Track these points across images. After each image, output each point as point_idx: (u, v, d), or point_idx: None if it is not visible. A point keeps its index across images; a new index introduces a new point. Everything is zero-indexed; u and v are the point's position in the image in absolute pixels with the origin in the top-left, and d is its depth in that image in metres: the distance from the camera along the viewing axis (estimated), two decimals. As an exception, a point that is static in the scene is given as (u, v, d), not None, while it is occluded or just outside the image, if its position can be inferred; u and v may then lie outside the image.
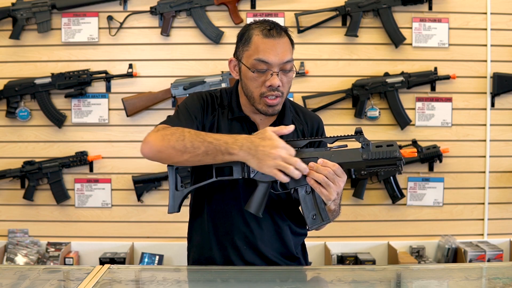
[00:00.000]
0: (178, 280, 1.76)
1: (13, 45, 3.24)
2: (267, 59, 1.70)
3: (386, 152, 1.54)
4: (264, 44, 1.71)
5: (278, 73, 1.71)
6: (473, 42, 3.28)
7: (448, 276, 1.79)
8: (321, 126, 1.91)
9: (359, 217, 3.33)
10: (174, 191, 1.66)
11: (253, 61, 1.71)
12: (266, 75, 1.71)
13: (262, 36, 1.72)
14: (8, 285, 1.65)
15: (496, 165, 3.33)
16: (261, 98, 1.73)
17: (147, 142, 1.66)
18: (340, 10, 3.22)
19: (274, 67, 1.70)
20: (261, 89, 1.72)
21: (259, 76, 1.72)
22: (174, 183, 1.67)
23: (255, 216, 1.74)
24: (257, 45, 1.72)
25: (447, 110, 3.29)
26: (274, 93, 1.71)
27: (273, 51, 1.70)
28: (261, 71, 1.71)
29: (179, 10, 3.22)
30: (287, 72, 1.74)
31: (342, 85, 3.27)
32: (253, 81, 1.73)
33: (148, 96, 3.21)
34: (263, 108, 1.74)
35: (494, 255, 3.16)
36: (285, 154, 1.56)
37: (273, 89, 1.71)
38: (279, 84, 1.70)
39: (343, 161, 1.57)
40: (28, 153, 3.27)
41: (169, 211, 1.70)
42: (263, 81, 1.71)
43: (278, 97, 1.73)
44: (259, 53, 1.71)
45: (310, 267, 1.94)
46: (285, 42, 1.74)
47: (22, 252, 3.14)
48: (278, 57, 1.70)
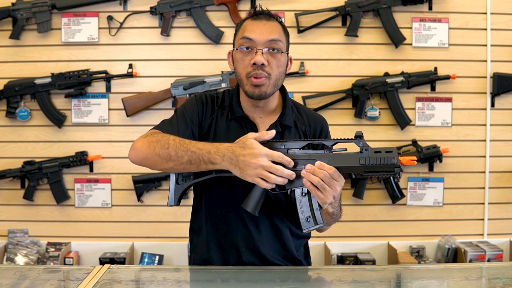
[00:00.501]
0: (178, 280, 1.76)
1: (13, 45, 3.24)
2: (250, 35, 1.73)
3: (384, 159, 1.53)
4: (251, 25, 1.75)
5: (263, 52, 1.72)
6: (473, 42, 3.28)
7: (448, 276, 1.79)
8: (325, 127, 1.89)
9: (359, 217, 3.33)
10: (175, 185, 1.67)
11: (240, 41, 1.76)
12: (251, 54, 1.73)
13: (250, 20, 1.77)
14: (8, 285, 1.65)
15: (496, 165, 3.33)
16: (248, 78, 1.73)
17: (134, 148, 1.69)
18: (340, 10, 3.22)
19: (258, 44, 1.72)
20: (247, 68, 1.73)
21: (245, 55, 1.74)
22: (176, 176, 1.68)
23: (254, 218, 1.74)
24: (244, 26, 1.77)
25: (447, 110, 3.29)
26: (259, 72, 1.71)
27: (258, 29, 1.73)
28: (246, 47, 1.73)
29: (179, 10, 3.22)
30: (274, 52, 1.73)
31: (342, 85, 3.27)
32: (240, 62, 1.75)
33: (148, 96, 3.21)
34: (250, 89, 1.74)
35: (494, 255, 3.16)
36: (266, 162, 1.55)
37: (258, 67, 1.71)
38: (263, 62, 1.71)
39: (341, 165, 1.57)
40: (28, 153, 3.27)
41: (168, 203, 1.71)
42: (249, 60, 1.73)
43: (264, 77, 1.72)
44: (244, 32, 1.75)
45: (310, 267, 1.93)
46: (273, 25, 1.76)
47: (22, 252, 3.15)
48: (263, 35, 1.72)
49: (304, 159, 1.59)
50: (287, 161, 1.58)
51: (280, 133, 1.79)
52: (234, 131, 1.78)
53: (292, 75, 3.21)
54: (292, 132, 1.81)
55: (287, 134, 1.80)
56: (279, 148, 1.61)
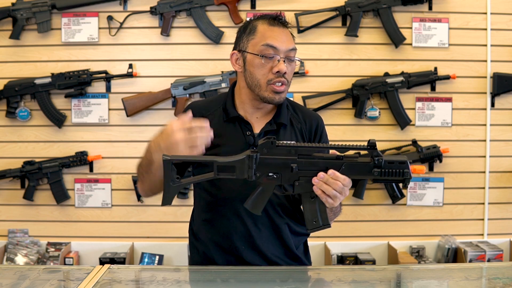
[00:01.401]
0: (178, 280, 1.76)
1: (13, 45, 3.24)
2: (274, 44, 1.74)
3: (397, 172, 1.53)
4: (270, 31, 1.76)
5: (284, 60, 1.74)
6: (473, 42, 3.28)
7: (448, 276, 1.79)
8: (320, 124, 1.90)
9: (359, 217, 3.33)
10: (169, 184, 1.63)
11: (261, 47, 1.75)
12: (273, 62, 1.75)
13: (267, 24, 1.78)
14: (8, 285, 1.65)
15: (496, 165, 3.33)
16: (268, 85, 1.75)
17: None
18: (340, 10, 3.22)
19: (281, 53, 1.75)
20: (268, 75, 1.75)
21: (266, 62, 1.75)
22: (170, 176, 1.63)
23: (253, 216, 1.75)
24: (263, 32, 1.76)
25: (447, 110, 3.29)
26: (281, 79, 1.74)
27: (280, 38, 1.75)
28: (269, 56, 1.74)
29: (179, 10, 3.22)
30: (292, 61, 1.78)
31: (342, 85, 3.27)
32: (260, 68, 1.75)
33: (148, 96, 3.21)
34: (270, 95, 1.76)
35: (494, 255, 3.16)
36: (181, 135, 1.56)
37: (280, 75, 1.74)
38: (285, 71, 1.74)
39: (354, 176, 1.56)
40: (28, 153, 3.27)
41: (162, 203, 1.68)
42: (270, 68, 1.75)
43: (284, 84, 1.76)
44: (266, 39, 1.75)
45: (310, 267, 1.94)
46: (288, 33, 1.80)
47: (22, 252, 3.15)
48: (284, 44, 1.75)
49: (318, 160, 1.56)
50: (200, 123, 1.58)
51: (276, 131, 1.81)
52: (229, 132, 1.80)
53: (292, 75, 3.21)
54: (287, 130, 1.83)
55: (283, 132, 1.82)
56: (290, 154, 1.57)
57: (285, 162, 1.56)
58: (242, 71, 1.81)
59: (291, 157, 1.57)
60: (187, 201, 3.22)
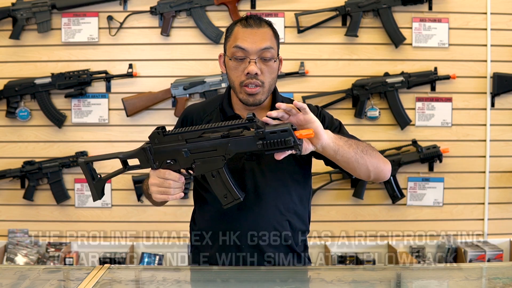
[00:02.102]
0: (178, 280, 1.76)
1: (13, 45, 3.24)
2: (243, 45, 1.74)
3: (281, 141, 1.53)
4: (242, 33, 1.76)
5: (256, 61, 1.73)
6: (473, 42, 3.28)
7: (448, 276, 1.79)
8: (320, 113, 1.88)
9: (359, 217, 3.33)
10: (93, 183, 1.77)
11: (232, 49, 1.76)
12: (244, 63, 1.75)
13: (241, 26, 1.77)
14: (8, 285, 1.65)
15: (496, 165, 3.33)
16: (241, 87, 1.76)
17: None
18: (340, 10, 3.22)
19: (251, 54, 1.74)
20: (240, 77, 1.76)
21: (238, 64, 1.75)
22: (90, 175, 1.77)
23: (253, 214, 1.76)
24: (235, 34, 1.77)
25: (447, 110, 3.29)
26: (252, 81, 1.74)
27: (250, 39, 1.74)
28: (239, 58, 1.75)
29: (179, 10, 3.22)
30: (267, 60, 1.75)
31: (342, 85, 3.27)
32: (233, 70, 1.77)
33: (148, 96, 3.21)
34: (244, 97, 1.77)
35: (494, 255, 3.16)
36: (156, 180, 1.65)
37: (251, 76, 1.73)
38: (256, 72, 1.73)
39: (242, 150, 1.58)
40: (28, 153, 3.27)
41: (94, 199, 1.80)
42: (243, 69, 1.75)
43: (258, 86, 1.75)
44: (236, 40, 1.75)
45: (310, 267, 1.94)
46: (264, 32, 1.77)
47: (22, 252, 3.15)
48: (255, 44, 1.74)
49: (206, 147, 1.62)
50: (174, 176, 1.64)
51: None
52: None
53: (292, 75, 3.21)
54: None
55: None
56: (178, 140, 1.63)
57: (176, 149, 1.64)
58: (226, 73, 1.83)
59: (180, 143, 1.63)
60: (187, 201, 3.21)
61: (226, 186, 1.65)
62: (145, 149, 1.66)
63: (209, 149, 1.61)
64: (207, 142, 1.61)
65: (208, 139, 1.61)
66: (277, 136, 1.53)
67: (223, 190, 1.65)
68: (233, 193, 1.65)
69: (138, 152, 1.68)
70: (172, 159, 1.65)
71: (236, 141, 1.59)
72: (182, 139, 1.63)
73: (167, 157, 1.65)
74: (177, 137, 1.64)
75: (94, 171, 1.77)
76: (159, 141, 1.65)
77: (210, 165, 1.63)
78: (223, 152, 1.60)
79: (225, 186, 1.65)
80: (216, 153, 1.61)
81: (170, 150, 1.64)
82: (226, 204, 1.67)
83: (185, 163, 1.64)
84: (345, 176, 3.25)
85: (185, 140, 1.63)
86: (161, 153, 1.66)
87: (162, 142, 1.65)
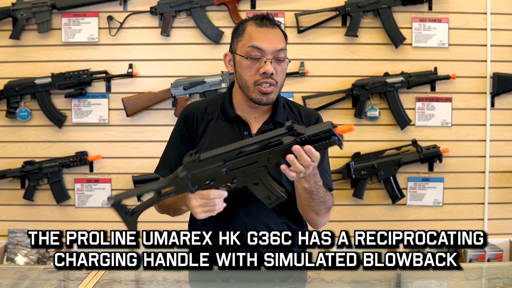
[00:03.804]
0: (178, 280, 1.76)
1: (13, 45, 3.24)
2: (260, 45, 1.74)
3: (323, 142, 1.54)
4: (257, 33, 1.76)
5: (271, 61, 1.75)
6: (473, 42, 3.28)
7: (448, 276, 1.79)
8: (320, 121, 1.89)
9: (359, 217, 3.33)
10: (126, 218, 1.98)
11: (247, 49, 1.76)
12: (260, 63, 1.75)
13: (255, 26, 1.78)
14: (8, 285, 1.65)
15: (496, 165, 3.33)
16: (255, 86, 1.76)
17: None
18: (340, 10, 3.22)
19: (267, 54, 1.75)
20: (255, 76, 1.76)
21: (253, 64, 1.76)
22: (123, 214, 1.94)
23: (250, 215, 1.77)
24: (250, 33, 1.77)
25: (447, 110, 3.29)
26: (268, 80, 1.75)
27: (266, 39, 1.75)
28: (255, 57, 1.75)
29: (179, 10, 3.22)
30: (281, 61, 1.77)
31: (342, 85, 3.27)
32: (247, 69, 1.77)
33: (148, 96, 3.21)
34: (257, 96, 1.77)
35: (494, 255, 3.16)
36: (199, 201, 1.65)
37: (267, 76, 1.74)
38: (272, 72, 1.74)
39: (283, 158, 1.57)
40: (28, 153, 3.27)
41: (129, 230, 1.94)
42: (257, 69, 1.75)
43: (272, 85, 1.76)
44: (252, 40, 1.76)
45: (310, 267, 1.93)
46: (278, 33, 1.79)
47: (22, 252, 3.15)
48: (271, 45, 1.75)
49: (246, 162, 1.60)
50: (218, 193, 1.63)
51: (273, 130, 1.81)
52: (227, 132, 1.82)
53: (292, 75, 3.21)
54: None
55: None
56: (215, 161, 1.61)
57: (215, 170, 1.61)
58: (234, 72, 1.83)
59: (218, 164, 1.60)
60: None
61: (268, 188, 1.65)
62: (182, 178, 1.64)
63: (250, 162, 1.59)
64: (247, 157, 1.59)
65: (248, 154, 1.59)
66: (320, 138, 1.54)
67: (265, 193, 1.65)
68: (276, 193, 1.65)
69: (174, 181, 1.66)
70: (211, 179, 1.62)
71: (277, 151, 1.57)
72: (220, 160, 1.61)
73: (206, 179, 1.63)
74: (214, 159, 1.61)
75: (125, 208, 1.79)
76: (195, 166, 1.62)
77: (252, 177, 1.62)
78: (264, 162, 1.58)
79: (267, 189, 1.65)
80: (257, 165, 1.59)
81: (209, 173, 1.62)
82: (270, 204, 1.67)
83: (225, 181, 1.62)
84: (345, 176, 3.25)
85: (223, 160, 1.60)
86: (199, 178, 1.63)
87: (198, 167, 1.62)
